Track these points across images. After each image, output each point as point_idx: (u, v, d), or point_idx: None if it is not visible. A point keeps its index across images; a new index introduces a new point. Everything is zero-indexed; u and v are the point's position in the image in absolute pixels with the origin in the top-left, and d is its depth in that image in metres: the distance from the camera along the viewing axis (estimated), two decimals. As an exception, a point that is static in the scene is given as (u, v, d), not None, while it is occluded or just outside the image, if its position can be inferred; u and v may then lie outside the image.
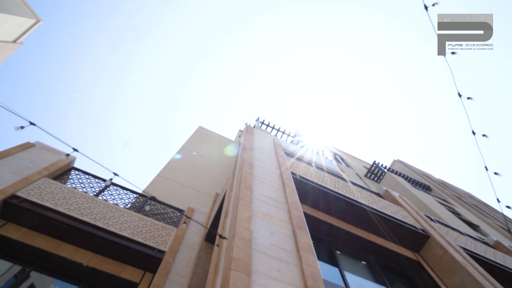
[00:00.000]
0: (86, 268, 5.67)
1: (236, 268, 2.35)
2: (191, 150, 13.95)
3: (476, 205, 18.83)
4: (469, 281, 4.77)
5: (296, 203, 4.20)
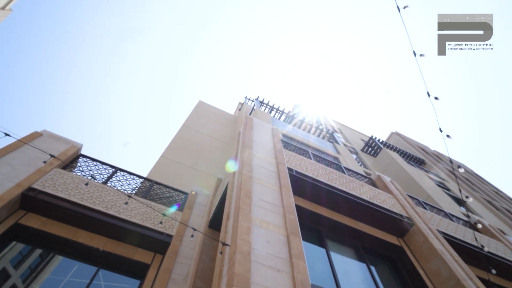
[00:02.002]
0: (102, 252, 6.31)
1: (237, 284, 2.83)
2: (192, 127, 14.23)
3: (467, 178, 19.57)
4: (443, 267, 5.40)
5: (291, 205, 4.63)
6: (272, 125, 11.12)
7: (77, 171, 7.70)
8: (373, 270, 5.81)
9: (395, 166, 14.39)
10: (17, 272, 5.83)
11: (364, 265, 5.81)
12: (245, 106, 19.12)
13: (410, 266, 5.87)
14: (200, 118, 15.63)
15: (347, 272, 5.52)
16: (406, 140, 22.61)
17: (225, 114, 18.43)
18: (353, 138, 19.95)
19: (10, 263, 5.96)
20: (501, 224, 13.16)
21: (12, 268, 5.89)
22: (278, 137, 7.22)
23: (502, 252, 7.55)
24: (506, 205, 16.67)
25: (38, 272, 5.76)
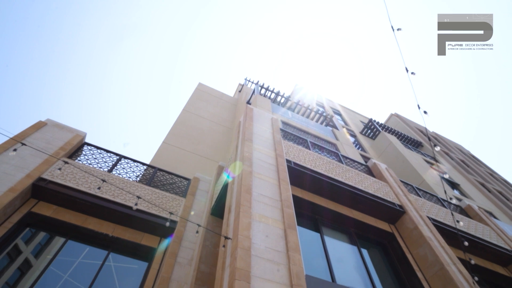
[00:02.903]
0: (112, 237, 6.72)
1: (239, 277, 3.16)
2: (192, 111, 14.34)
3: (463, 160, 19.92)
4: (429, 253, 5.81)
5: (289, 199, 4.93)
6: (272, 111, 11.25)
7: (83, 159, 7.95)
8: (364, 254, 6.24)
9: (392, 149, 14.66)
10: (28, 249, 6.26)
11: (356, 250, 6.23)
12: (245, 89, 19.07)
13: (399, 251, 6.29)
14: (200, 102, 15.69)
15: (339, 256, 5.94)
16: (405, 122, 22.74)
17: (224, 96, 18.44)
18: (353, 120, 20.07)
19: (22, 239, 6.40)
20: (492, 206, 13.66)
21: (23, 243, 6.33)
22: (277, 127, 7.40)
23: (488, 236, 8.00)
24: (499, 187, 17.15)
25: (55, 255, 6.18)
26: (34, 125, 7.80)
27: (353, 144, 16.59)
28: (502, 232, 8.62)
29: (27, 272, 6.02)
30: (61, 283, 6.16)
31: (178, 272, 6.13)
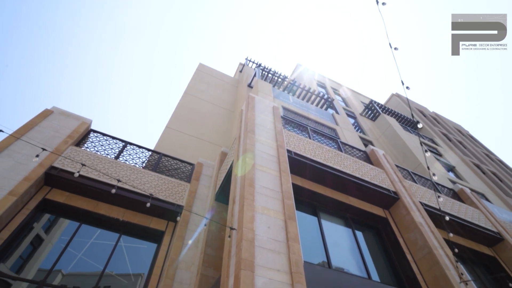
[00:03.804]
0: (122, 221, 7.16)
1: (244, 267, 3.55)
2: (194, 94, 14.40)
3: (460, 141, 20.19)
4: (419, 238, 6.25)
5: (289, 190, 5.26)
6: (273, 97, 11.35)
7: (90, 146, 8.22)
8: (359, 238, 6.70)
9: (391, 132, 14.88)
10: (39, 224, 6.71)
11: (351, 233, 6.67)
12: (245, 69, 18.93)
13: (392, 235, 6.74)
14: (201, 84, 15.68)
15: (335, 239, 6.39)
16: (406, 103, 22.72)
17: (225, 77, 18.35)
18: (353, 101, 20.09)
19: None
20: (485, 188, 14.14)
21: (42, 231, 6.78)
22: (279, 116, 7.59)
23: (477, 219, 8.46)
24: (494, 168, 17.57)
25: (71, 237, 6.63)
26: (41, 114, 7.98)
27: (353, 126, 16.78)
28: (491, 214, 9.08)
29: (39, 247, 6.48)
30: (75, 261, 6.66)
31: (186, 254, 6.62)
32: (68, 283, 6.08)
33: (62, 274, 6.21)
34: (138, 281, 6.75)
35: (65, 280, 6.09)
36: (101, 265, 6.62)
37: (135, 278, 6.82)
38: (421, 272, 5.84)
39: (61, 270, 6.30)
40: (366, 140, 14.94)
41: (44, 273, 5.91)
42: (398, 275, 6.00)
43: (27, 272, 5.94)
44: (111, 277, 6.56)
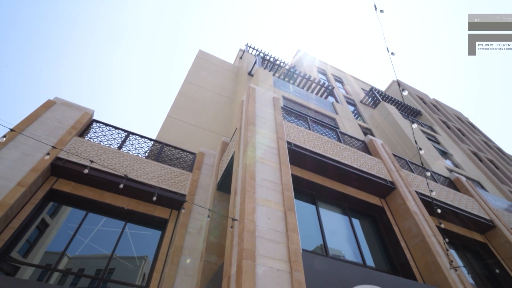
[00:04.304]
0: (127, 210, 7.40)
1: (246, 257, 3.77)
2: (194, 82, 14.38)
3: (459, 129, 20.28)
4: (414, 226, 6.50)
5: (289, 182, 5.44)
6: (274, 86, 11.38)
7: (93, 137, 8.35)
8: (355, 226, 6.96)
9: (391, 120, 14.97)
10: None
11: (347, 221, 6.93)
12: (246, 56, 18.77)
13: (388, 223, 7.00)
14: (201, 71, 15.62)
15: (333, 227, 6.65)
16: (406, 89, 22.61)
17: (225, 64, 18.23)
18: (354, 88, 20.05)
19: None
20: (481, 176, 14.38)
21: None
22: (279, 108, 7.68)
23: (470, 207, 8.72)
24: (491, 156, 17.75)
25: (79, 225, 6.89)
26: (44, 104, 8.07)
27: (353, 113, 16.83)
28: (485, 202, 9.35)
29: (45, 231, 6.74)
30: (82, 246, 6.95)
31: (189, 241, 6.91)
32: (73, 265, 6.36)
33: (68, 257, 6.51)
34: (142, 263, 7.08)
35: (70, 263, 6.37)
36: (107, 250, 6.92)
37: (139, 261, 7.14)
38: (414, 258, 6.13)
39: (65, 252, 6.60)
40: (365, 128, 15.05)
41: (51, 256, 6.22)
42: (392, 262, 6.29)
43: (34, 255, 6.21)
44: (115, 260, 6.85)
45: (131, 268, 6.93)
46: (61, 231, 6.89)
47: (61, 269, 6.06)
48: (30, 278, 5.82)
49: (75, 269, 6.34)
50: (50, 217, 7.06)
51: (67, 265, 6.30)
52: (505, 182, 15.26)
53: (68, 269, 6.17)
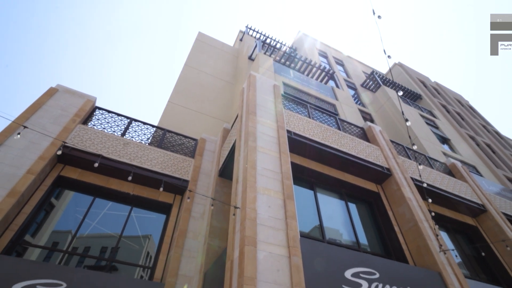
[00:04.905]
0: (133, 196, 7.69)
1: (248, 243, 4.05)
2: (194, 66, 14.31)
3: (459, 112, 20.34)
4: (407, 211, 6.81)
5: (288, 171, 5.66)
6: (274, 72, 11.37)
7: (97, 124, 8.49)
8: (351, 211, 7.27)
9: (390, 105, 15.02)
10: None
11: (344, 206, 7.23)
12: (246, 38, 18.49)
13: (383, 208, 7.31)
14: (201, 54, 15.49)
15: (330, 212, 6.96)
16: (408, 73, 22.46)
17: (225, 47, 18.01)
18: (355, 72, 19.90)
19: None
20: (477, 160, 14.64)
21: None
22: (279, 96, 7.78)
23: (463, 192, 9.03)
24: (488, 140, 17.94)
25: (87, 210, 7.19)
26: (47, 92, 8.16)
27: (353, 98, 16.85)
28: (478, 188, 9.65)
29: (51, 212, 7.04)
30: (89, 229, 7.28)
31: (193, 225, 7.24)
32: (79, 244, 6.69)
33: (72, 235, 6.86)
34: (146, 242, 7.47)
35: (76, 242, 6.69)
36: (113, 231, 7.27)
37: (143, 240, 7.51)
38: (406, 242, 6.47)
39: (70, 230, 6.94)
40: (365, 112, 15.14)
41: (57, 235, 6.57)
42: (386, 245, 6.65)
43: (41, 234, 6.52)
44: (123, 239, 7.16)
45: (135, 247, 7.29)
46: (66, 212, 7.20)
47: (70, 251, 6.41)
48: (38, 257, 6.16)
49: (81, 247, 6.70)
50: (55, 198, 7.36)
51: (73, 244, 6.63)
52: (500, 166, 15.56)
53: (74, 248, 6.51)
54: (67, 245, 6.42)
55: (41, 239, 6.50)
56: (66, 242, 6.58)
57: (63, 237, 6.78)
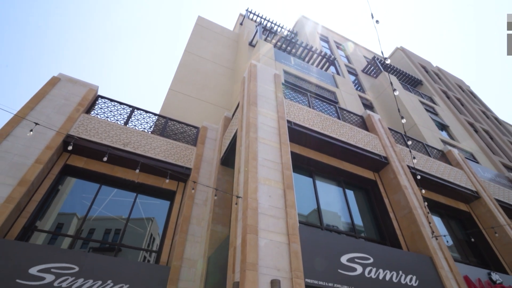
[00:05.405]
0: (137, 183, 7.94)
1: (249, 231, 4.30)
2: (194, 52, 14.21)
3: (459, 98, 20.31)
4: (402, 199, 7.07)
5: (288, 161, 5.86)
6: (275, 59, 11.34)
7: (100, 113, 8.61)
8: (349, 198, 7.53)
9: (391, 91, 15.01)
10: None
11: (342, 194, 7.49)
12: (246, 22, 18.21)
13: (379, 196, 7.57)
14: (201, 40, 15.33)
15: (328, 199, 7.23)
16: (409, 57, 22.21)
17: (225, 31, 17.78)
18: (356, 57, 19.71)
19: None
20: (475, 147, 14.82)
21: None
22: (280, 85, 7.86)
23: (458, 179, 9.27)
24: (487, 126, 18.04)
25: (94, 197, 7.45)
26: (49, 82, 8.23)
27: (354, 83, 16.82)
28: (473, 175, 9.89)
29: (56, 195, 7.28)
30: (96, 214, 7.57)
31: (196, 211, 7.53)
32: (84, 226, 6.94)
33: (77, 217, 7.16)
34: (149, 224, 7.79)
35: (80, 223, 6.98)
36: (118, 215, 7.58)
37: (147, 222, 7.83)
38: (400, 228, 6.77)
39: (75, 213, 7.23)
40: (365, 99, 15.17)
41: (63, 217, 6.86)
42: (381, 231, 6.95)
43: (48, 217, 6.79)
44: (123, 222, 7.46)
45: (140, 230, 7.60)
46: (71, 195, 7.44)
47: (80, 236, 6.71)
48: (45, 239, 6.44)
49: (86, 229, 6.99)
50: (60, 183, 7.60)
51: (77, 226, 6.91)
52: (497, 153, 15.76)
53: (79, 230, 6.79)
54: (75, 229, 6.73)
55: (48, 222, 6.77)
56: (71, 223, 6.89)
57: (68, 219, 7.09)
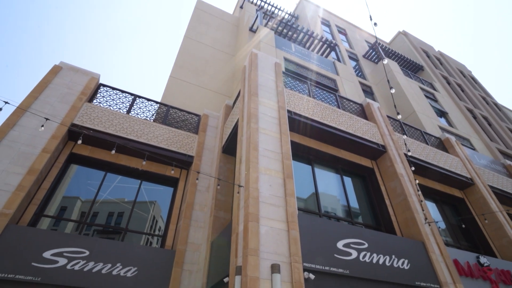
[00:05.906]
0: (141, 171, 8.17)
1: (251, 219, 4.55)
2: (194, 38, 14.08)
3: (460, 84, 20.24)
4: (398, 186, 7.32)
5: (288, 151, 6.04)
6: (275, 46, 11.29)
7: (102, 101, 8.71)
8: (346, 185, 7.78)
9: (391, 77, 14.99)
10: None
11: (340, 181, 7.74)
12: (246, 6, 17.88)
13: (376, 183, 7.82)
14: (201, 25, 15.14)
15: (326, 186, 7.48)
16: (411, 42, 21.91)
17: (225, 15, 17.50)
18: (358, 41, 19.47)
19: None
20: (472, 133, 14.97)
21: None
22: (280, 74, 7.92)
23: (454, 167, 9.51)
24: (486, 113, 18.10)
25: (100, 184, 7.70)
26: (51, 70, 8.28)
27: (354, 69, 16.74)
28: (469, 162, 10.12)
29: (62, 179, 7.51)
30: (100, 200, 7.83)
31: (199, 197, 7.81)
32: (87, 208, 7.20)
33: (80, 200, 7.43)
34: (151, 207, 8.08)
35: (84, 206, 7.25)
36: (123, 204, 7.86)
37: (150, 205, 8.13)
38: (395, 214, 7.06)
39: (79, 197, 7.50)
40: (366, 85, 15.17)
41: (67, 200, 7.13)
42: (377, 217, 7.25)
43: (53, 200, 7.04)
44: (124, 206, 7.74)
45: (143, 214, 7.88)
46: (74, 180, 7.65)
47: (75, 210, 6.98)
48: (49, 223, 6.70)
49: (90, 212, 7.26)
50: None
51: (81, 208, 7.18)
52: (494, 139, 15.93)
53: (83, 212, 7.04)
54: (78, 211, 7.01)
55: (53, 205, 7.00)
56: (74, 206, 7.16)
57: (72, 202, 7.34)
